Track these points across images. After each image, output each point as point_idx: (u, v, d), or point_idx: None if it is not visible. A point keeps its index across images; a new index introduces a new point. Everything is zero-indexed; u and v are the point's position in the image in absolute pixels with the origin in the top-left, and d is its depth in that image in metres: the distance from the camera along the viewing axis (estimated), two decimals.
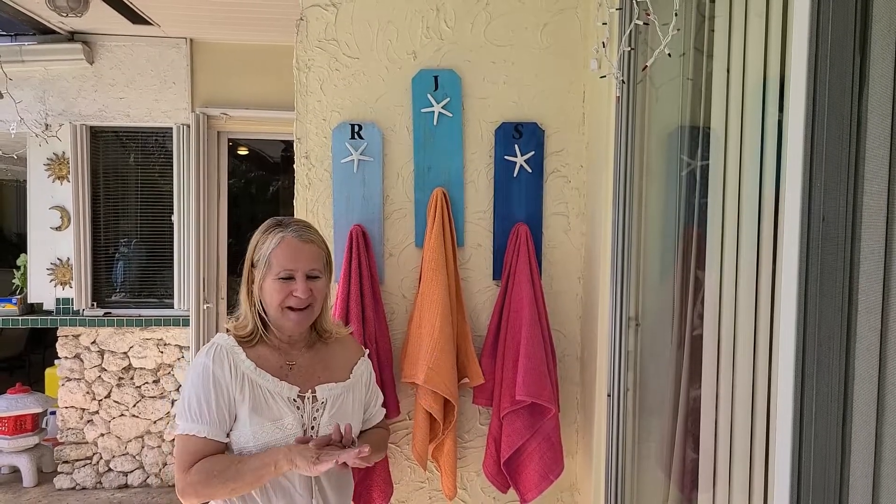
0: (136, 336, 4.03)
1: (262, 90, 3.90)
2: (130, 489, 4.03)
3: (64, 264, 4.09)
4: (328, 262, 1.45)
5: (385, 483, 1.99)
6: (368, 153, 2.05)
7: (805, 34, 0.94)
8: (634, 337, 1.79)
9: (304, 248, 1.38)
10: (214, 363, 1.35)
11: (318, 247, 1.41)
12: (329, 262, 1.46)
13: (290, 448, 1.30)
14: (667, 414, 1.62)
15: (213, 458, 1.33)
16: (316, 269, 1.39)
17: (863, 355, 0.88)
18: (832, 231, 0.92)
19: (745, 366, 1.28)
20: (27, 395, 4.03)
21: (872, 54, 0.89)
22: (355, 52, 2.05)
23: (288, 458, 1.28)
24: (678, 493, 1.57)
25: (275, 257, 1.36)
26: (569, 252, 2.11)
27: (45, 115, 3.95)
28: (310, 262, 1.38)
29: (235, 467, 1.31)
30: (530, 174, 2.07)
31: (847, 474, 0.92)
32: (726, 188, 1.36)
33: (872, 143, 0.88)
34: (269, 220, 1.44)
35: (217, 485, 1.30)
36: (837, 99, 0.92)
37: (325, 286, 1.43)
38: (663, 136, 1.74)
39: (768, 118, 1.25)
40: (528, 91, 2.07)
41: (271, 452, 1.31)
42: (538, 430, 1.96)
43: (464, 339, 2.01)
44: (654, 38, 1.50)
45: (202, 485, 1.30)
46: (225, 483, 1.30)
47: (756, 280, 1.26)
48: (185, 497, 1.33)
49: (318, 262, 1.40)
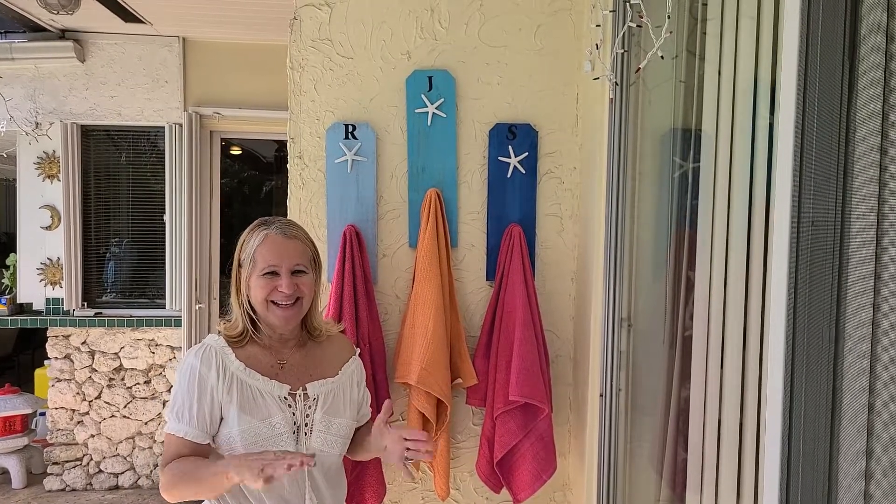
0: (128, 336, 4.00)
1: (255, 90, 3.89)
2: (121, 490, 4.00)
3: (54, 264, 4.06)
4: (315, 260, 1.46)
5: (378, 483, 1.99)
6: (362, 153, 2.05)
7: (795, 38, 0.95)
8: (627, 337, 1.80)
9: (288, 244, 1.39)
10: (202, 364, 1.36)
11: (302, 243, 1.42)
12: (316, 260, 1.46)
13: (239, 458, 1.24)
14: (659, 414, 1.63)
15: (184, 460, 1.33)
16: (300, 265, 1.40)
17: (851, 357, 0.89)
18: (821, 234, 0.93)
19: (735, 366, 1.29)
20: (16, 395, 3.99)
21: (862, 58, 0.90)
22: (349, 51, 2.05)
23: (236, 469, 1.21)
24: (670, 493, 1.59)
25: (259, 254, 1.37)
26: (562, 253, 2.12)
27: (36, 113, 3.92)
28: (293, 257, 1.39)
29: (197, 472, 1.29)
30: (524, 175, 2.08)
31: (836, 473, 0.93)
32: (717, 190, 1.37)
33: (862, 146, 0.89)
34: (256, 221, 1.44)
35: (183, 487, 1.30)
36: (827, 102, 0.93)
37: (313, 282, 1.43)
38: (656, 137, 1.75)
39: (759, 121, 1.26)
40: (522, 92, 2.07)
41: (224, 462, 1.26)
42: (531, 431, 1.97)
43: (457, 340, 2.01)
44: (647, 41, 1.51)
45: (171, 485, 1.31)
46: (188, 485, 1.29)
47: (746, 282, 1.27)
48: (163, 493, 1.33)
49: (302, 258, 1.40)
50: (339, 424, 1.45)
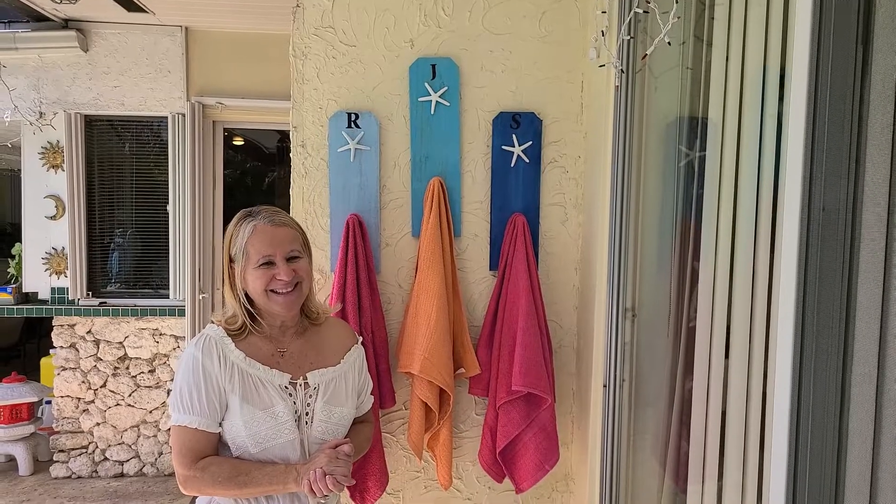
0: (132, 326, 4.01)
1: (257, 79, 3.87)
2: (126, 478, 4.03)
3: (59, 254, 4.06)
4: (306, 243, 1.46)
5: (381, 473, 1.99)
6: (365, 142, 2.03)
7: (807, 22, 0.93)
8: (631, 328, 1.79)
9: (278, 231, 1.38)
10: (204, 354, 1.36)
11: (291, 229, 1.42)
12: (307, 243, 1.46)
13: (298, 469, 1.34)
14: (662, 405, 1.62)
15: (220, 462, 1.35)
16: (294, 250, 1.40)
17: (862, 347, 0.88)
18: (832, 220, 0.91)
19: (741, 357, 1.28)
20: (23, 384, 4.01)
21: (875, 42, 0.88)
22: (352, 39, 2.03)
23: (296, 479, 1.33)
24: (673, 484, 1.58)
25: (251, 246, 1.36)
26: (566, 243, 2.11)
27: (40, 103, 3.91)
28: (286, 244, 1.38)
29: (242, 478, 1.33)
30: (528, 164, 2.06)
31: (844, 465, 0.92)
32: (723, 179, 1.35)
33: (874, 131, 0.87)
34: (238, 213, 1.43)
35: (221, 490, 1.34)
36: (839, 87, 0.91)
37: (308, 266, 1.43)
38: (662, 126, 1.73)
39: (768, 108, 1.24)
40: (526, 80, 2.05)
41: (280, 474, 1.34)
42: (534, 421, 1.96)
43: (460, 330, 2.01)
44: (653, 27, 1.49)
45: (207, 485, 1.34)
46: (229, 489, 1.34)
47: (753, 271, 1.25)
48: (186, 489, 1.35)
49: (294, 243, 1.40)
50: (340, 414, 1.45)
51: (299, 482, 1.32)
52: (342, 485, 1.32)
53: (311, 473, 1.31)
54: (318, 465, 1.32)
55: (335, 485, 1.30)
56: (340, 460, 1.34)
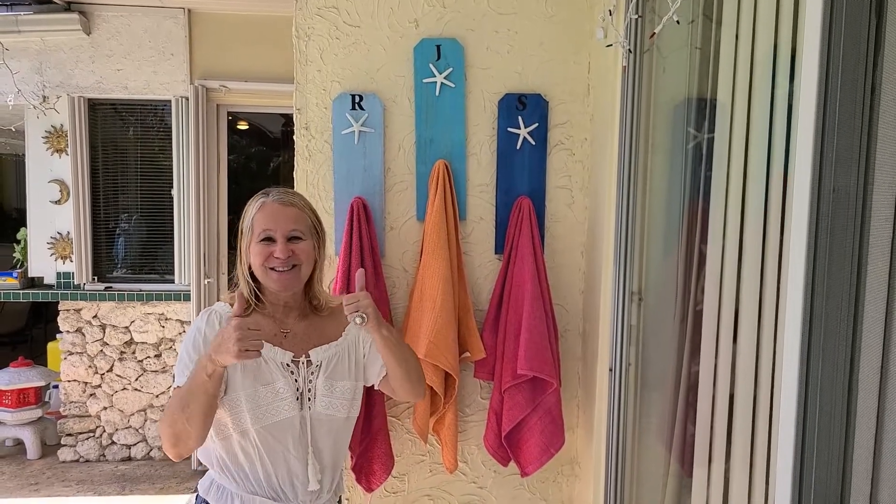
0: (138, 310, 4.02)
1: (261, 63, 3.84)
2: (134, 462, 4.06)
3: (64, 238, 4.07)
4: (316, 228, 1.45)
5: (386, 456, 2.00)
6: (369, 124, 2.01)
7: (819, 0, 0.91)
8: (637, 311, 1.78)
9: (284, 210, 1.39)
10: (208, 326, 1.39)
11: (299, 210, 1.42)
12: (317, 229, 1.45)
13: (215, 339, 1.26)
14: (668, 389, 1.61)
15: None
16: (297, 231, 1.39)
17: (871, 330, 0.87)
18: (842, 202, 0.90)
19: (749, 341, 1.27)
20: (30, 368, 4.04)
21: (889, 20, 0.85)
22: (356, 20, 2.00)
23: (215, 351, 1.24)
24: (679, 468, 1.58)
25: (256, 221, 1.39)
26: (572, 226, 2.09)
27: (43, 86, 3.90)
28: (289, 223, 1.39)
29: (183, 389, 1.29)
30: (534, 147, 2.04)
31: (851, 449, 0.91)
32: (732, 161, 1.33)
33: (887, 111, 0.85)
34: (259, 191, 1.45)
35: (177, 415, 1.28)
36: (851, 67, 0.89)
37: (311, 249, 1.42)
38: (670, 107, 1.70)
39: (778, 88, 1.21)
40: (532, 61, 2.02)
41: (196, 368, 1.28)
42: (539, 404, 1.96)
43: (465, 314, 2.00)
44: (662, 5, 1.46)
45: (167, 424, 1.30)
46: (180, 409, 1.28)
47: (762, 254, 1.24)
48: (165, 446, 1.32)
49: (299, 224, 1.40)
50: (343, 387, 1.45)
51: (213, 360, 1.25)
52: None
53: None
54: (225, 337, 1.25)
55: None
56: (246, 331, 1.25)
